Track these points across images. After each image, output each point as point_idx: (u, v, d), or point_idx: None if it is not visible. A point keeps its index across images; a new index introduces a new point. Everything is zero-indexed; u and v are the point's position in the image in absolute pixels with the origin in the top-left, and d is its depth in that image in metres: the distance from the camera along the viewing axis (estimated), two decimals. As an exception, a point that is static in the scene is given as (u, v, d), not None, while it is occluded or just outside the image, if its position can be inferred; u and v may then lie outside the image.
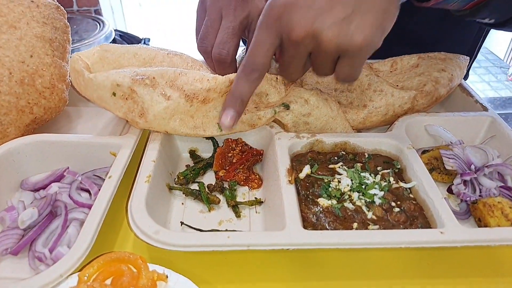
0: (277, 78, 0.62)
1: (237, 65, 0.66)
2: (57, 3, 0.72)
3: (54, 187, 0.55)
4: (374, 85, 0.70)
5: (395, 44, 0.77)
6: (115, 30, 2.84)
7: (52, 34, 0.67)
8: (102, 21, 2.87)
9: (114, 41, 2.75)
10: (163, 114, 0.56)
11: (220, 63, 0.62)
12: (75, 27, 2.81)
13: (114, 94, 0.56)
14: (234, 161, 0.62)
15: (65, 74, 0.67)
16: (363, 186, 0.55)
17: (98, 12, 3.17)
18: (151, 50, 0.63)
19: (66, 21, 0.72)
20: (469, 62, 0.96)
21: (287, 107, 0.61)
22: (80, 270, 0.42)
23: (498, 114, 0.68)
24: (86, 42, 2.57)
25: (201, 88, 0.55)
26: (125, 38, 2.82)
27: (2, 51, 0.60)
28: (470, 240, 0.47)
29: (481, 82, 3.95)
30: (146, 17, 4.57)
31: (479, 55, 0.96)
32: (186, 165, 0.65)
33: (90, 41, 2.60)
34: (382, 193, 0.54)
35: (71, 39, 0.72)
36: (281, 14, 0.46)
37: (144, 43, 2.87)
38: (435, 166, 0.62)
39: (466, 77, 1.05)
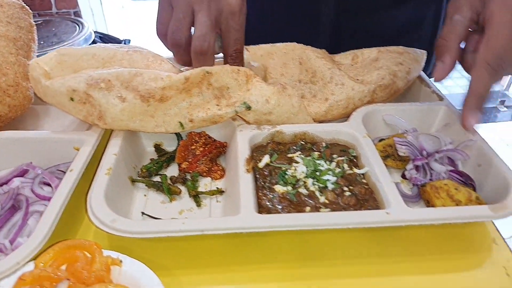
0: (238, 70, 0.64)
1: None
2: (22, 3, 0.73)
3: (16, 182, 0.56)
4: (336, 79, 0.72)
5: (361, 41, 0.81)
6: (95, 32, 2.83)
7: (16, 33, 0.68)
8: (82, 23, 2.86)
9: (94, 42, 2.74)
10: (121, 116, 0.58)
11: (201, 55, 0.62)
12: (53, 29, 2.79)
13: (72, 99, 0.57)
14: (197, 153, 0.64)
15: (29, 72, 0.68)
16: (317, 173, 0.58)
17: (77, 14, 3.15)
18: (110, 49, 0.65)
19: (32, 20, 0.73)
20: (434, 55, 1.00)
21: (248, 107, 0.63)
22: (36, 258, 0.44)
23: None
24: (64, 44, 2.55)
25: (155, 87, 0.56)
26: (105, 39, 2.81)
27: (-36, 50, 0.61)
28: (414, 220, 0.50)
29: (461, 78, 4.03)
30: (128, 18, 4.56)
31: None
32: (150, 159, 0.67)
33: (69, 43, 2.59)
34: (335, 178, 0.57)
35: (36, 38, 0.73)
36: None
37: (124, 43, 2.86)
38: (390, 153, 0.65)
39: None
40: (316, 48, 0.77)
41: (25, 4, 0.74)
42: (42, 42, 2.46)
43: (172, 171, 0.65)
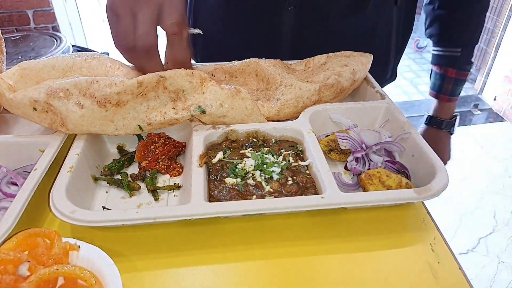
0: (192, 73, 0.69)
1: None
2: (-10, 18, 0.77)
3: (-16, 181, 0.60)
4: (285, 81, 0.79)
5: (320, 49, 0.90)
6: (73, 45, 2.87)
7: (-16, 46, 0.72)
8: (60, 37, 2.90)
9: (72, 56, 2.77)
10: (81, 122, 0.63)
11: (145, 53, 0.66)
12: (31, 44, 2.82)
13: (35, 109, 0.62)
14: (156, 152, 0.69)
15: (-2, 82, 0.73)
16: (265, 166, 0.63)
17: (56, 28, 3.18)
18: (68, 59, 0.70)
19: (0, 34, 0.78)
20: (392, 62, 1.09)
21: (203, 112, 0.68)
22: (1, 246, 0.48)
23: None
24: (43, 59, 2.58)
25: (111, 93, 0.61)
26: (83, 53, 2.85)
27: None
28: (345, 203, 0.56)
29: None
30: (107, 31, 4.58)
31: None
32: (113, 159, 0.71)
33: (47, 57, 2.62)
34: (280, 169, 0.63)
35: (5, 50, 0.77)
36: None
37: (103, 57, 2.90)
38: (333, 147, 0.71)
39: (394, 77, 1.17)
40: (269, 59, 0.84)
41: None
42: (20, 57, 2.49)
43: (134, 169, 0.70)
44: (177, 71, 0.66)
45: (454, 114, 1.11)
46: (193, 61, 1.17)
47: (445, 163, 1.11)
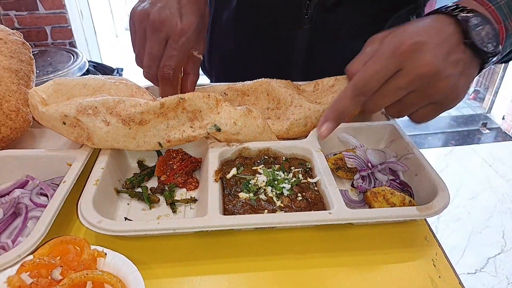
0: (208, 95, 0.74)
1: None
2: (23, 40, 0.84)
3: (16, 192, 0.65)
4: (295, 102, 0.83)
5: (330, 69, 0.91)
6: (89, 61, 2.97)
7: (18, 66, 0.79)
8: (76, 53, 3.00)
9: (87, 71, 2.87)
10: (106, 137, 0.68)
11: (163, 79, 0.71)
12: (49, 59, 2.93)
13: (64, 123, 0.68)
14: (174, 167, 0.74)
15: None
16: (275, 181, 0.68)
17: (72, 44, 3.29)
18: (99, 80, 0.75)
19: (31, 54, 0.84)
20: None
21: (218, 129, 0.73)
22: (35, 252, 0.53)
23: (461, 130, 0.82)
24: (60, 73, 2.68)
25: (135, 112, 0.66)
26: (98, 68, 2.94)
27: (-27, 81, 0.72)
28: (352, 218, 0.60)
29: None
30: (121, 47, 4.72)
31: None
32: (134, 173, 0.76)
33: (64, 72, 2.72)
34: (290, 186, 0.67)
35: (35, 69, 0.84)
36: (410, 50, 0.51)
37: (117, 72, 2.99)
38: (340, 166, 0.75)
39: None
40: (280, 80, 0.89)
41: (25, 41, 0.85)
42: (38, 71, 2.58)
43: (153, 183, 0.75)
44: (195, 93, 0.71)
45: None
46: (207, 81, 1.23)
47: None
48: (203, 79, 1.16)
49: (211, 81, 1.15)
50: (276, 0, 0.92)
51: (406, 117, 0.61)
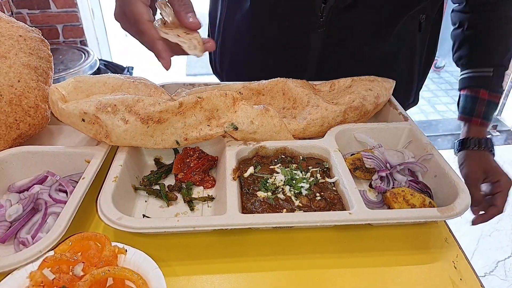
0: (226, 94, 0.74)
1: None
2: (42, 37, 0.84)
3: (36, 188, 0.66)
4: (312, 102, 0.83)
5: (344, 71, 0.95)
6: (100, 59, 2.98)
7: (37, 63, 0.79)
8: (87, 51, 3.02)
9: (98, 69, 2.89)
10: (124, 135, 0.68)
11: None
12: (61, 57, 2.95)
13: (83, 120, 0.68)
14: (191, 165, 0.74)
15: (47, 96, 0.79)
16: (294, 181, 0.67)
17: (83, 43, 3.31)
18: (119, 79, 0.75)
19: (50, 51, 0.84)
20: (414, 86, 1.13)
21: (235, 128, 0.73)
22: (56, 247, 0.53)
23: None
24: (71, 71, 2.70)
25: (153, 111, 0.66)
26: (109, 67, 2.96)
27: (-6, 77, 0.72)
28: (372, 219, 0.59)
29: (453, 104, 4.17)
30: (131, 46, 4.73)
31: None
32: (151, 171, 0.76)
33: (75, 70, 2.74)
34: (308, 185, 0.66)
35: (53, 66, 0.84)
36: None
37: (128, 71, 3.01)
38: (358, 166, 0.75)
39: (416, 101, 1.20)
40: (296, 79, 0.89)
41: (44, 38, 0.85)
42: (49, 69, 2.60)
43: (170, 181, 0.75)
44: (212, 92, 0.71)
45: (488, 137, 1.01)
46: (218, 80, 1.22)
47: (509, 187, 0.95)
48: (214, 80, 1.16)
49: (221, 81, 1.14)
50: (291, 4, 0.91)
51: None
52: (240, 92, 0.91)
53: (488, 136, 1.00)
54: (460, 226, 2.76)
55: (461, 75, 1.02)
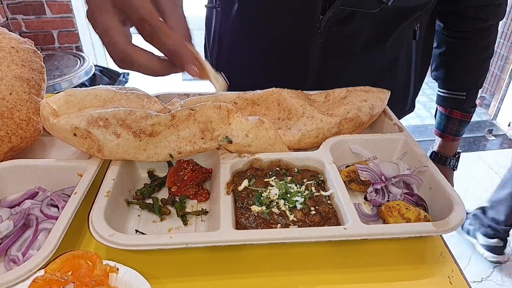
0: (220, 105, 0.74)
1: None
2: (34, 48, 0.84)
3: (27, 203, 0.65)
4: (307, 113, 0.83)
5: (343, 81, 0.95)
6: (95, 65, 2.98)
7: (29, 75, 0.78)
8: (83, 57, 3.01)
9: (94, 75, 2.88)
10: (117, 149, 0.67)
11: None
12: (56, 63, 2.94)
13: (75, 134, 0.67)
14: (185, 178, 0.73)
15: (39, 108, 0.78)
16: (288, 195, 0.67)
17: (79, 48, 3.30)
18: (110, 91, 0.75)
19: (42, 63, 0.84)
20: (411, 93, 1.14)
21: (230, 141, 0.72)
22: (46, 266, 0.52)
23: (467, 137, 0.91)
24: (67, 77, 2.69)
25: (145, 124, 0.66)
26: (104, 73, 2.95)
27: (-15, 90, 0.71)
28: (367, 234, 0.59)
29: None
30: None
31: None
32: (144, 184, 0.75)
33: (70, 76, 2.73)
34: (303, 199, 0.66)
35: (46, 78, 0.83)
36: None
37: (124, 77, 3.00)
38: (353, 178, 0.74)
39: (413, 108, 1.22)
40: (291, 90, 0.88)
41: (36, 49, 0.84)
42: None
43: (163, 194, 0.74)
44: (206, 104, 0.71)
45: (457, 151, 1.17)
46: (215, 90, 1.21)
47: None
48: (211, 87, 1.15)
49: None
50: (290, 16, 0.92)
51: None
52: (235, 102, 0.90)
53: (458, 150, 1.17)
54: (458, 232, 2.74)
55: (438, 90, 1.14)
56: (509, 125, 4.05)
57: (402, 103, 1.16)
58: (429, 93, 4.62)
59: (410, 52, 1.06)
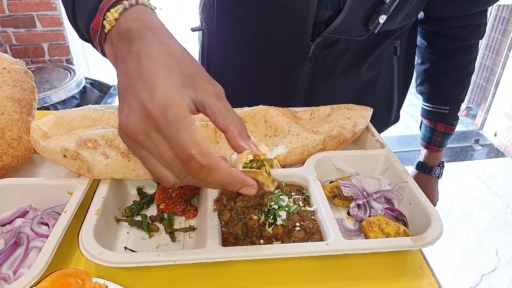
0: (207, 124, 0.76)
1: None
2: (25, 68, 0.86)
3: (18, 221, 0.66)
4: (292, 131, 0.85)
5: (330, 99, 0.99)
6: (86, 78, 2.98)
7: (20, 95, 0.80)
8: (73, 70, 3.02)
9: (84, 88, 2.89)
10: (106, 170, 0.69)
11: None
12: (46, 76, 2.94)
13: (65, 156, 0.69)
14: (173, 195, 0.75)
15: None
16: (274, 210, 0.69)
17: (69, 61, 3.31)
18: (99, 111, 0.77)
19: (33, 83, 0.86)
20: (395, 106, 1.18)
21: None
22: (37, 285, 0.54)
23: (454, 147, 0.95)
24: (56, 90, 2.69)
25: None
26: (95, 85, 2.96)
27: (-23, 111, 0.73)
28: (348, 249, 0.61)
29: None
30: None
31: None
32: (133, 201, 0.77)
33: (61, 88, 2.73)
34: (287, 214, 0.68)
35: (37, 97, 0.85)
36: None
37: (114, 89, 3.01)
38: (337, 194, 0.77)
39: (397, 119, 1.26)
40: (278, 107, 0.91)
41: (28, 69, 0.86)
42: (34, 88, 2.59)
43: (152, 211, 0.76)
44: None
45: (442, 160, 1.23)
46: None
47: (434, 205, 1.22)
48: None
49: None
50: (280, 43, 0.95)
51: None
52: None
53: (442, 160, 1.24)
54: (444, 241, 2.78)
55: (423, 104, 1.22)
56: (495, 135, 4.13)
57: (387, 116, 1.20)
58: (417, 103, 4.70)
59: (391, 67, 1.10)
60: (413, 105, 4.64)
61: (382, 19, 0.86)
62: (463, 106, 4.66)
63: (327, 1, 0.87)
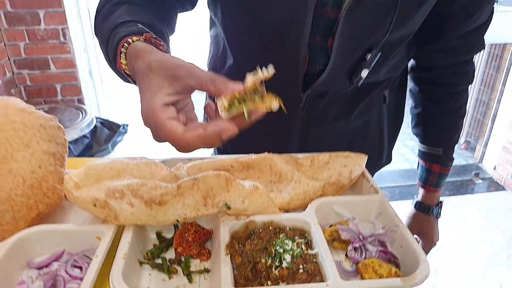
0: (219, 174, 0.86)
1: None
2: (59, 124, 0.97)
3: (54, 265, 0.75)
4: (295, 178, 0.95)
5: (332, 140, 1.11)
6: (96, 117, 3.12)
7: (55, 149, 0.91)
8: (85, 110, 3.16)
9: (95, 127, 3.02)
10: (131, 217, 0.79)
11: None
12: (58, 115, 3.09)
13: (95, 205, 0.79)
14: (189, 239, 0.84)
15: (63, 177, 0.90)
16: (280, 253, 0.78)
17: (80, 101, 3.46)
18: (123, 163, 0.88)
19: (65, 136, 0.96)
20: (386, 149, 1.28)
21: (228, 207, 0.84)
22: (75, 323, 0.62)
23: (454, 180, 1.04)
24: (69, 130, 2.82)
25: (155, 194, 0.78)
26: (105, 124, 3.10)
27: (19, 165, 0.83)
28: (346, 290, 0.70)
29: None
30: (126, 102, 4.93)
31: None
32: (153, 244, 0.86)
33: (73, 128, 2.86)
34: (292, 258, 0.77)
35: (67, 150, 0.96)
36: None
37: (123, 128, 3.14)
38: (336, 237, 0.86)
39: (389, 160, 1.35)
40: (282, 154, 1.01)
41: (61, 125, 0.97)
42: (49, 128, 2.72)
43: (171, 253, 0.85)
44: (208, 173, 0.83)
45: (440, 201, 1.30)
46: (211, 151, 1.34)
47: (435, 244, 1.29)
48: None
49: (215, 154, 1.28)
50: (275, 92, 1.06)
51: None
52: (232, 166, 1.03)
53: (440, 200, 1.31)
54: (447, 276, 2.81)
55: (419, 145, 1.30)
56: (494, 168, 4.20)
57: (378, 159, 1.30)
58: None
59: (381, 115, 1.20)
60: (413, 139, 4.74)
61: (364, 73, 0.97)
62: (462, 139, 4.77)
63: (318, 57, 0.99)
